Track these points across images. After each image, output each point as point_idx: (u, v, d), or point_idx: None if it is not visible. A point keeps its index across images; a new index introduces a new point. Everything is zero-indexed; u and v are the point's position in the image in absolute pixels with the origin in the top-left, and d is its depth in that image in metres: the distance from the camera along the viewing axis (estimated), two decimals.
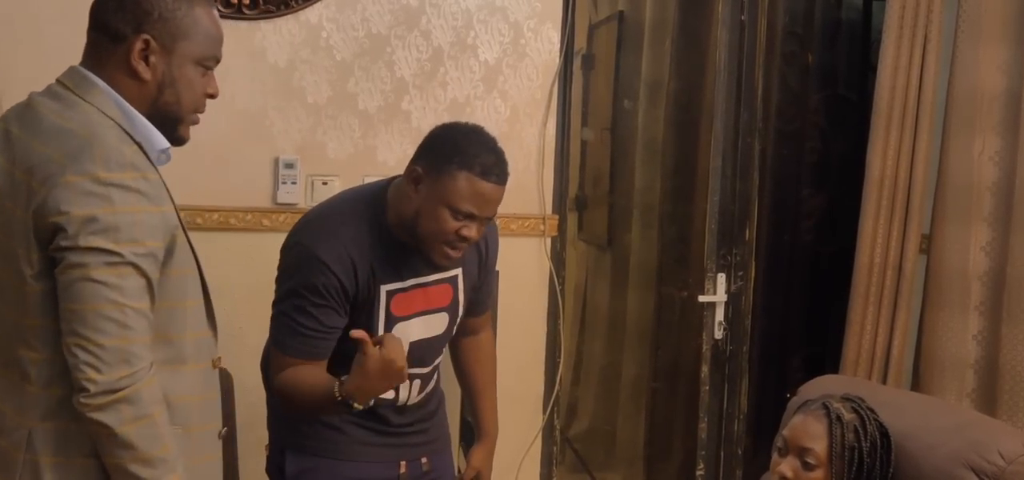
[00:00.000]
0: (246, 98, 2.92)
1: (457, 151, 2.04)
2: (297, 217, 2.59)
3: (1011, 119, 3.05)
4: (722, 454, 3.48)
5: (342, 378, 1.96)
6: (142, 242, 1.60)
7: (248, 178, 2.94)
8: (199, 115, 1.79)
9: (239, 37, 2.88)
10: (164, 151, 1.75)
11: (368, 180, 2.78)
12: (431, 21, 3.06)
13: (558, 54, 3.20)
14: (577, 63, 3.38)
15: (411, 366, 2.16)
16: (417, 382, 2.24)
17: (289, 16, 2.92)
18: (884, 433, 2.03)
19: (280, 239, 2.18)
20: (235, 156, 2.91)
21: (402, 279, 2.14)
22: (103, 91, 1.67)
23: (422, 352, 2.21)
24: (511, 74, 3.16)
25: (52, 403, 1.64)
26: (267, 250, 2.30)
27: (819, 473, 1.98)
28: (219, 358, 1.86)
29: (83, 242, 1.55)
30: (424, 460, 2.31)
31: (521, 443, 3.25)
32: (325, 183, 2.98)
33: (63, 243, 1.56)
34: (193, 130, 2.84)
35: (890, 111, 3.16)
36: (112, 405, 1.57)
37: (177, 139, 1.76)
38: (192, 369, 1.75)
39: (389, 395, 2.16)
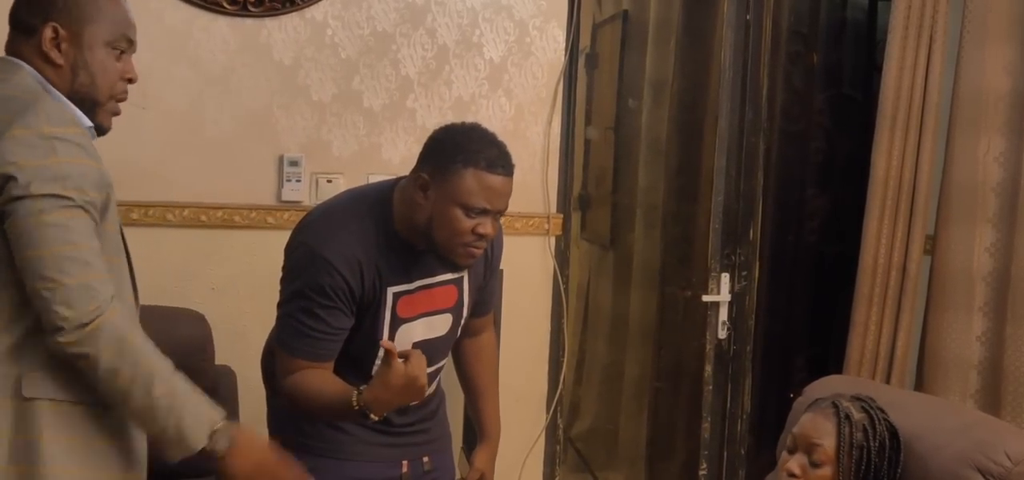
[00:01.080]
0: (251, 96, 2.91)
1: (460, 150, 2.04)
2: (301, 215, 2.59)
3: (1016, 120, 3.04)
4: (725, 454, 3.47)
5: (361, 387, 1.97)
6: (86, 190, 1.70)
7: (252, 176, 2.94)
8: (120, 101, 1.87)
9: (244, 35, 2.88)
10: (89, 128, 1.82)
11: (373, 178, 2.80)
12: (436, 19, 3.06)
13: (563, 53, 3.20)
14: (581, 62, 3.38)
15: None
16: None
17: (294, 14, 2.92)
18: (894, 433, 2.03)
19: (284, 237, 2.18)
20: (239, 154, 2.91)
21: (408, 281, 2.14)
22: (25, 69, 1.78)
23: (425, 353, 2.20)
24: (516, 73, 3.16)
25: (2, 349, 1.72)
26: (271, 248, 2.30)
27: (827, 471, 1.97)
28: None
29: (36, 189, 1.65)
30: (426, 459, 2.31)
31: (524, 442, 3.25)
32: (329, 181, 2.98)
33: (15, 193, 1.65)
34: (198, 128, 2.87)
35: (895, 111, 3.15)
36: (88, 337, 1.66)
37: (98, 128, 1.84)
38: None
39: None
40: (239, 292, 2.87)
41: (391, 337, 2.15)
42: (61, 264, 1.65)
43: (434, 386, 2.32)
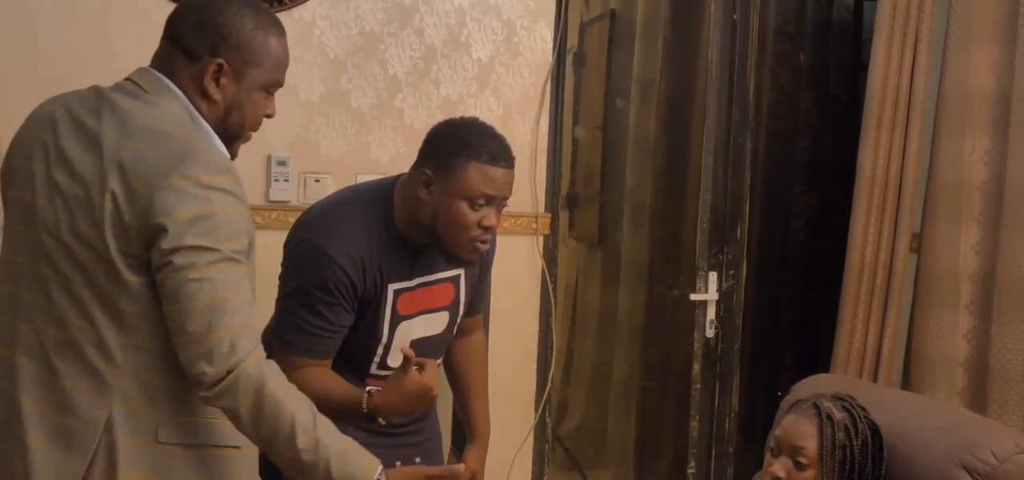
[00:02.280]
0: None
1: (462, 144, 2.06)
2: (290, 215, 2.59)
3: (1001, 119, 3.06)
4: (713, 452, 3.48)
5: (371, 390, 1.98)
6: (236, 239, 1.66)
7: (241, 175, 2.93)
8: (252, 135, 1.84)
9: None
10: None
11: (361, 178, 2.80)
12: (424, 19, 3.06)
13: (551, 52, 3.20)
14: (569, 61, 3.38)
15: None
16: None
17: (282, 13, 2.91)
18: (875, 431, 2.04)
19: (272, 236, 2.18)
20: None
21: (409, 278, 2.15)
22: (178, 97, 1.72)
23: (422, 351, 2.20)
24: (504, 72, 3.16)
25: (136, 388, 1.69)
26: (260, 248, 2.28)
27: (811, 473, 1.99)
28: None
29: (187, 242, 1.61)
30: (417, 460, 2.31)
31: (513, 441, 3.26)
32: (317, 181, 2.97)
33: (167, 245, 1.61)
34: None
35: (881, 110, 3.17)
36: (225, 390, 1.63)
37: (231, 154, 1.80)
38: None
39: None
40: None
41: (391, 334, 2.15)
42: (205, 318, 1.61)
43: None
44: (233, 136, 1.78)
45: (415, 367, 1.95)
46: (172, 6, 2.77)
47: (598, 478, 4.33)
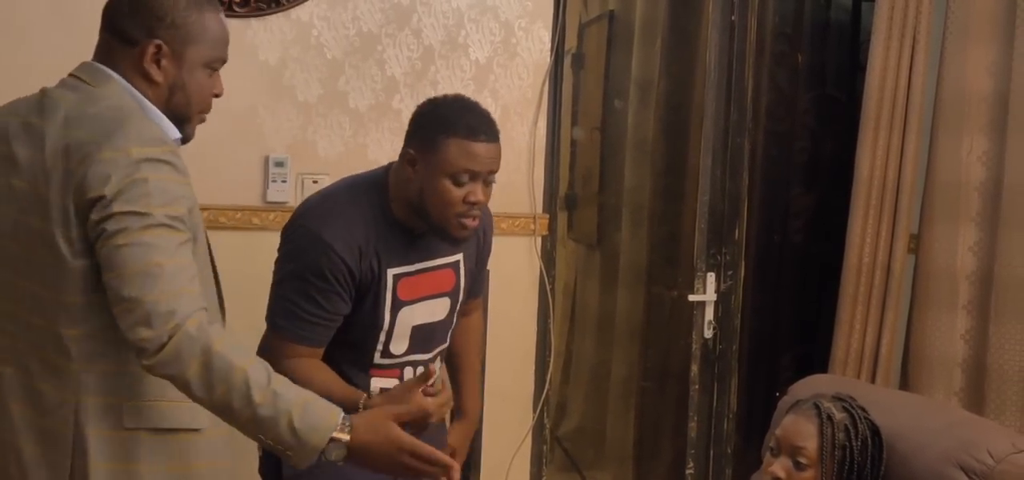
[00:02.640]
0: (236, 96, 2.89)
1: (442, 121, 2.07)
2: (287, 216, 2.58)
3: (998, 120, 3.06)
4: (712, 453, 3.48)
5: (371, 394, 2.02)
6: (172, 206, 1.66)
7: (238, 176, 2.93)
8: (205, 115, 1.85)
9: (229, 34, 2.87)
10: (175, 141, 1.81)
11: None
12: (422, 20, 3.06)
13: (549, 53, 3.20)
14: (567, 62, 3.38)
15: (415, 351, 2.19)
16: (420, 370, 2.22)
17: (280, 14, 2.92)
18: (875, 432, 2.04)
19: (270, 238, 2.18)
20: (225, 154, 2.90)
21: (408, 263, 2.15)
22: (119, 83, 1.74)
23: (425, 337, 2.21)
24: (502, 73, 3.16)
25: (96, 379, 1.70)
26: (257, 249, 2.31)
27: (811, 473, 1.99)
28: None
29: (118, 208, 1.61)
30: None
31: (511, 442, 3.25)
32: (315, 181, 2.97)
33: (97, 215, 1.62)
34: None
35: (879, 111, 3.17)
36: (169, 356, 1.60)
37: (185, 135, 1.82)
38: None
39: (394, 382, 2.16)
40: (225, 293, 2.86)
41: (392, 320, 2.14)
42: (139, 282, 1.60)
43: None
44: (182, 117, 1.80)
45: (429, 390, 1.93)
46: None
47: (597, 479, 4.32)
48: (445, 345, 2.31)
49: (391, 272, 2.13)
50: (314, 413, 1.67)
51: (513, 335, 3.24)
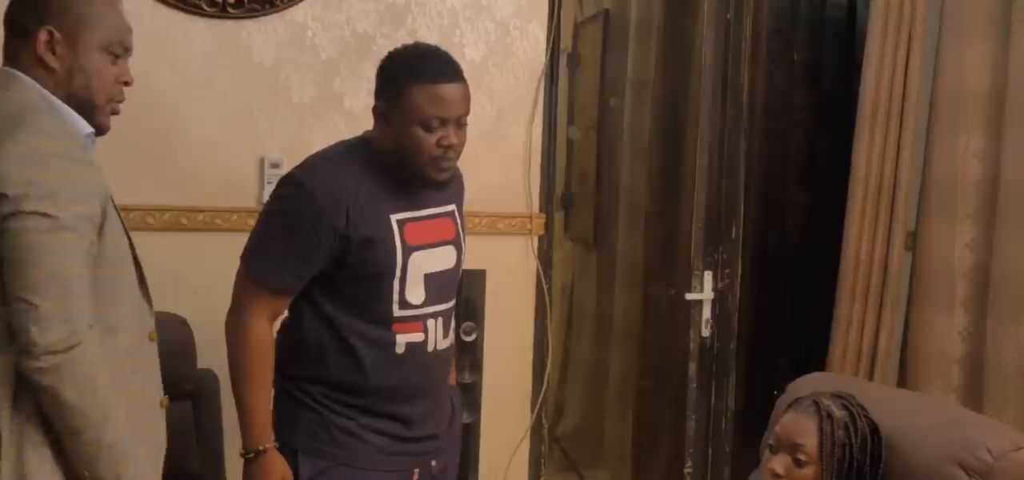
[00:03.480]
0: (231, 97, 2.90)
1: (404, 69, 2.09)
2: None
3: (995, 116, 3.06)
4: (710, 451, 3.48)
5: (262, 447, 2.10)
6: (79, 205, 1.69)
7: (234, 178, 2.92)
8: (118, 103, 1.87)
9: (224, 36, 2.87)
10: (88, 136, 1.82)
11: None
12: (417, 20, 3.05)
13: (544, 53, 3.20)
14: (563, 62, 3.38)
15: (432, 302, 2.18)
16: (440, 320, 2.22)
17: (274, 15, 2.91)
18: (875, 430, 2.04)
19: None
20: (220, 156, 2.90)
21: (410, 209, 2.15)
22: (23, 81, 1.76)
23: (439, 287, 2.20)
24: (497, 73, 3.15)
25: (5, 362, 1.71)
26: None
27: (810, 470, 1.98)
28: (156, 332, 1.93)
29: (24, 207, 1.63)
30: (434, 463, 2.29)
31: (510, 442, 3.25)
32: None
33: (5, 210, 1.64)
34: (178, 130, 2.85)
35: (875, 109, 3.17)
36: (54, 368, 1.64)
37: (98, 127, 1.84)
38: (129, 338, 1.82)
39: (419, 337, 2.16)
40: (222, 295, 2.83)
41: (404, 264, 2.13)
42: (39, 285, 1.63)
43: (452, 335, 2.29)
44: (87, 106, 1.81)
45: None
46: (163, 9, 2.79)
47: (595, 478, 4.32)
48: (454, 300, 2.29)
49: (394, 217, 2.12)
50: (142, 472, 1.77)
51: (510, 335, 3.23)
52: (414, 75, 2.06)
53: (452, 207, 2.27)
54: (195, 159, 2.86)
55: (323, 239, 2.07)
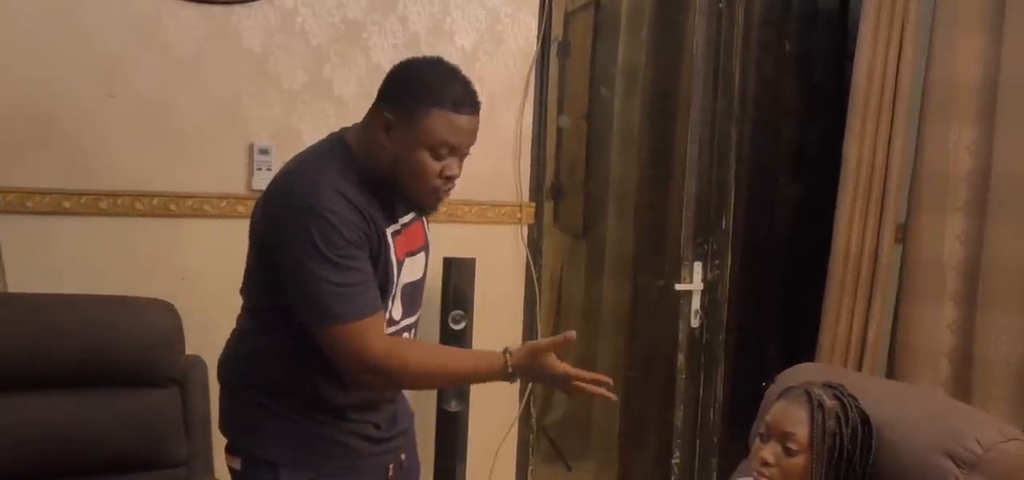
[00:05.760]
0: (220, 83, 2.88)
1: (425, 89, 1.93)
2: None
3: (986, 109, 3.06)
4: (698, 442, 3.48)
5: (509, 349, 1.98)
6: None
7: (223, 164, 2.91)
8: None
9: (213, 22, 2.84)
10: None
11: None
12: (408, 6, 3.03)
13: (535, 41, 3.18)
14: (553, 50, 3.37)
15: (408, 314, 2.10)
16: (412, 333, 2.16)
17: (264, 1, 2.89)
18: (865, 420, 2.03)
19: None
20: (209, 142, 2.88)
21: (394, 221, 2.04)
22: None
23: (411, 297, 2.12)
24: (488, 61, 3.14)
25: None
26: (241, 237, 2.27)
27: (800, 459, 1.98)
28: None
29: None
30: (403, 456, 2.28)
31: (497, 432, 3.24)
32: None
33: None
34: (167, 116, 2.83)
35: (866, 100, 3.17)
36: None
37: None
38: None
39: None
40: (209, 282, 2.83)
41: (397, 277, 2.04)
42: None
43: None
44: None
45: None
46: None
47: (583, 468, 4.32)
48: (420, 310, 2.20)
49: (388, 230, 2.02)
50: None
51: (499, 324, 3.23)
52: (437, 100, 1.92)
53: None
54: (184, 145, 2.84)
55: (364, 248, 1.95)
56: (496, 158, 3.16)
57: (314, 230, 1.89)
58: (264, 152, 2.92)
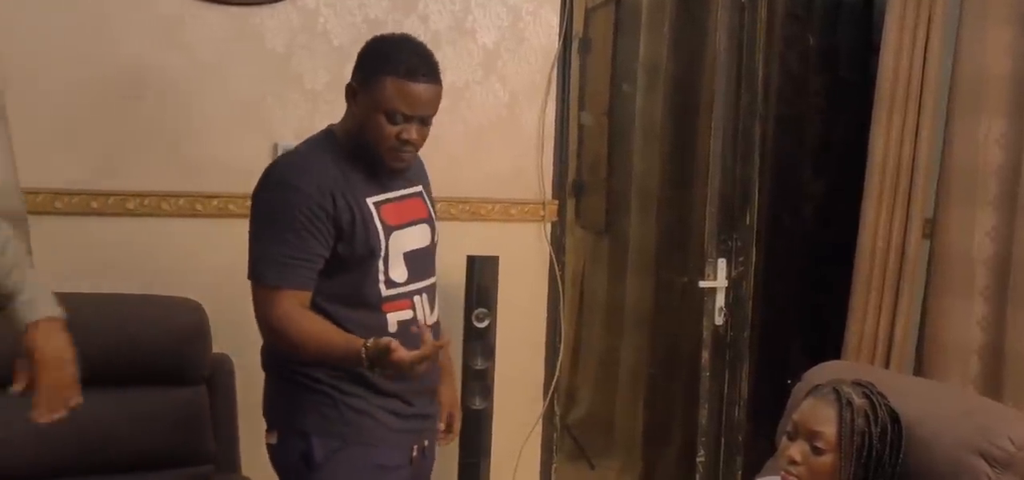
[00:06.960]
0: (244, 84, 2.88)
1: (383, 58, 2.12)
2: None
3: (1017, 101, 3.02)
4: (722, 440, 3.47)
5: (368, 342, 2.04)
6: None
7: (247, 164, 2.89)
8: None
9: (237, 23, 2.85)
10: None
11: None
12: (429, 5, 3.03)
13: (557, 38, 3.17)
14: (575, 47, 3.35)
15: (415, 279, 2.23)
16: (425, 296, 2.26)
17: (286, 1, 2.89)
18: (895, 419, 2.01)
19: None
20: (233, 142, 2.88)
21: (382, 191, 2.20)
22: None
23: (417, 263, 2.24)
24: (510, 58, 3.13)
25: None
26: None
27: (829, 458, 1.96)
28: None
29: None
30: (426, 443, 2.34)
31: (521, 429, 3.24)
32: None
33: None
34: (192, 117, 2.84)
35: (893, 93, 3.14)
36: None
37: None
38: None
39: (408, 314, 2.20)
40: (236, 280, 2.82)
41: (386, 243, 2.18)
42: None
43: (438, 308, 2.32)
44: None
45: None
46: None
47: (606, 467, 4.31)
48: (435, 277, 2.33)
49: (369, 201, 2.17)
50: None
51: (522, 322, 3.22)
52: (389, 66, 2.10)
53: (419, 187, 2.32)
54: (208, 145, 2.85)
55: (321, 230, 2.11)
56: (519, 156, 3.15)
57: (271, 198, 2.13)
58: None
